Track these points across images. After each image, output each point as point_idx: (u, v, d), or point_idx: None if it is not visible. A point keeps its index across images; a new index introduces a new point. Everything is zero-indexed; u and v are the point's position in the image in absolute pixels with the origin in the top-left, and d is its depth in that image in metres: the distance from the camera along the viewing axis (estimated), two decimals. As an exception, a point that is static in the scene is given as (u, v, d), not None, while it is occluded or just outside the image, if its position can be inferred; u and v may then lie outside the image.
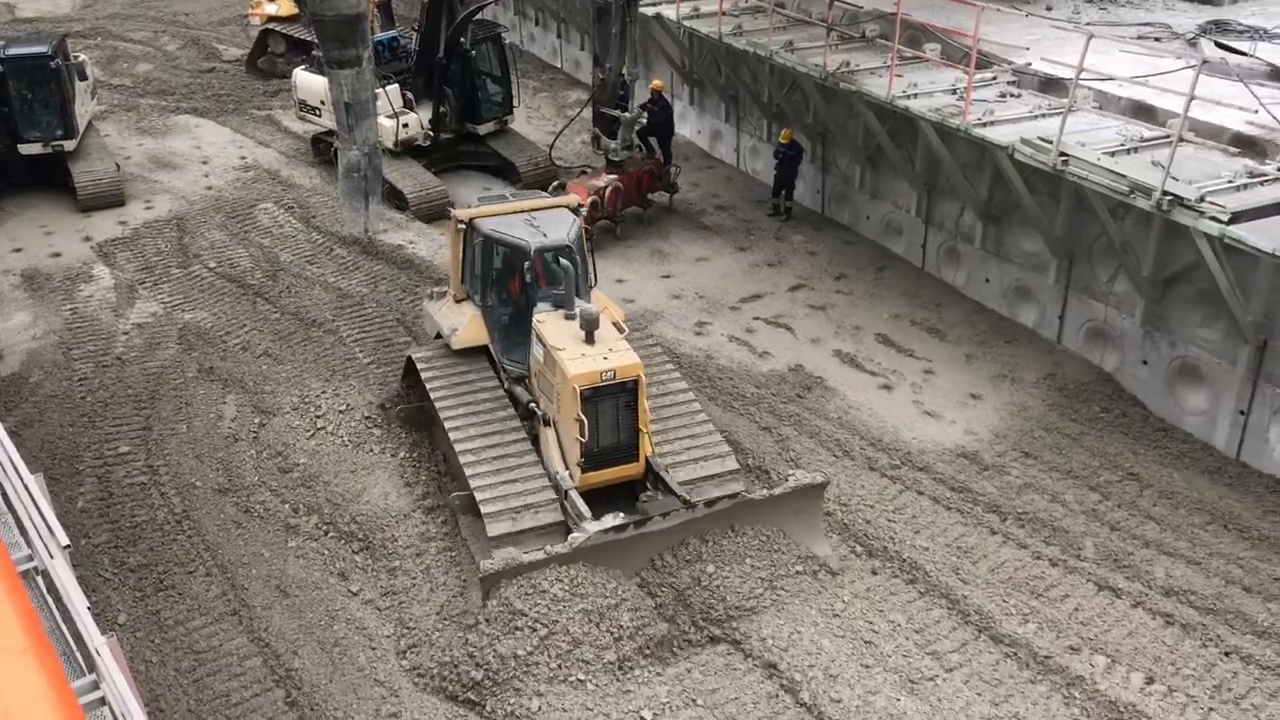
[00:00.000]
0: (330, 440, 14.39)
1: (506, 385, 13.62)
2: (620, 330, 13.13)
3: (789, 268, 20.16)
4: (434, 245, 20.37)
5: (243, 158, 24.98)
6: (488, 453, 12.70)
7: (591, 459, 12.30)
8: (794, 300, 18.99)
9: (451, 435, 12.87)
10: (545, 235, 13.33)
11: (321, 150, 24.14)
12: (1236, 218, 12.37)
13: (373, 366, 16.27)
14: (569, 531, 11.87)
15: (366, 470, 13.82)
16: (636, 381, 12.19)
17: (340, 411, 14.80)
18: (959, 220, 18.86)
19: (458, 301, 14.42)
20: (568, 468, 12.39)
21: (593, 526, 11.49)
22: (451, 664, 10.85)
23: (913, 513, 13.60)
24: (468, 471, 12.48)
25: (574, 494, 12.14)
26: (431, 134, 23.34)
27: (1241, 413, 14.33)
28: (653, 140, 22.37)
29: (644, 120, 21.72)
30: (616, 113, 21.44)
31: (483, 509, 12.12)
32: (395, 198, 21.91)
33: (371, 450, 14.20)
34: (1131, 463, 14.46)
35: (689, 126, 26.24)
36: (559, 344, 12.28)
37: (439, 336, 14.38)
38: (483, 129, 24.19)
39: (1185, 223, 12.84)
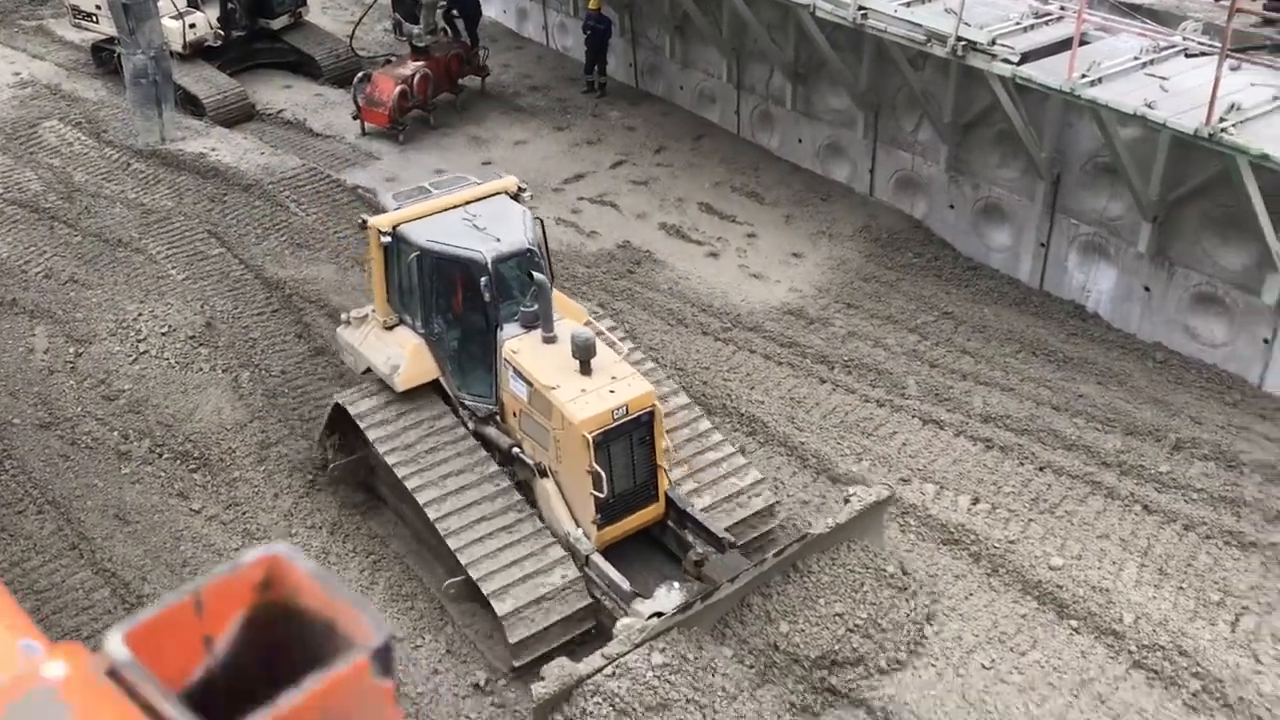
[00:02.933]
0: (155, 363, 13.88)
1: (472, 426, 11.10)
2: (612, 346, 10.93)
3: (608, 144, 20.13)
4: (238, 150, 19.49)
5: (17, 74, 23.14)
6: (480, 526, 10.23)
7: (609, 512, 10.15)
8: (616, 177, 19.04)
9: (428, 510, 10.35)
10: (498, 239, 10.60)
11: (104, 59, 22.57)
12: (1025, 58, 12.94)
13: (189, 283, 15.66)
14: (596, 605, 9.98)
15: (197, 389, 13.43)
16: (652, 413, 10.15)
17: (162, 334, 14.25)
18: (769, 83, 19.12)
19: (387, 329, 11.46)
20: (578, 525, 10.24)
21: (646, 608, 9.42)
22: None
23: (747, 370, 14.07)
24: (461, 557, 10.05)
25: (598, 559, 10.02)
26: (222, 33, 22.10)
27: (1042, 245, 15.23)
28: (459, 23, 21.77)
29: (444, 2, 21.07)
30: (417, -2, 20.69)
31: (496, 606, 9.73)
32: (190, 104, 20.78)
33: (201, 369, 13.78)
34: (945, 303, 15.25)
35: (494, 6, 25.57)
36: (550, 380, 10.07)
37: (368, 372, 11.70)
38: (276, 24, 23.03)
39: (979, 66, 13.35)
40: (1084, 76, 12.13)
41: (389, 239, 10.95)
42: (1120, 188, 13.86)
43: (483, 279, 10.41)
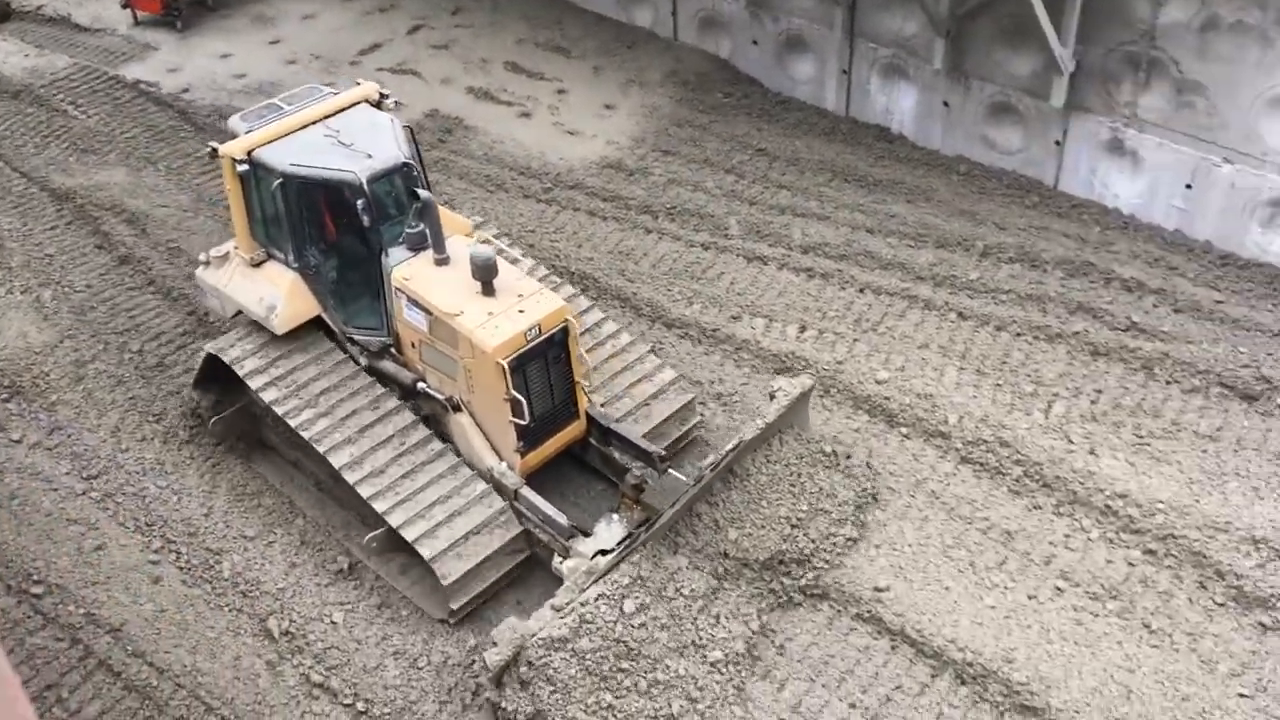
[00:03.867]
0: (-58, 292, 12.97)
1: (365, 362, 10.35)
2: (514, 262, 10.13)
3: (402, 9, 19.34)
4: (1, 55, 17.93)
5: None
6: (393, 470, 9.58)
7: (530, 437, 9.61)
8: (415, 43, 18.37)
9: (332, 459, 9.59)
10: (370, 156, 9.68)
11: None
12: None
13: (-32, 204, 14.56)
14: (529, 535, 9.54)
15: (-4, 314, 12.65)
16: (566, 329, 9.56)
17: (-57, 259, 13.29)
18: (561, -69, 18.59)
19: (255, 265, 10.46)
20: (501, 457, 9.71)
21: (588, 546, 9.09)
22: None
23: (573, 229, 14.04)
24: (377, 505, 9.38)
25: (528, 493, 9.50)
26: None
27: (844, 72, 15.48)
28: None
29: None
30: None
31: (423, 550, 9.16)
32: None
33: (-4, 294, 12.96)
34: (758, 139, 15.44)
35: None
36: (452, 307, 9.37)
37: (239, 315, 10.71)
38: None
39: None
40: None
41: (245, 167, 9.90)
42: (913, 6, 14.14)
43: (359, 201, 9.49)
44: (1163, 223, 13.09)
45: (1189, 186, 12.71)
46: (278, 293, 10.19)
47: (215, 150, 10.11)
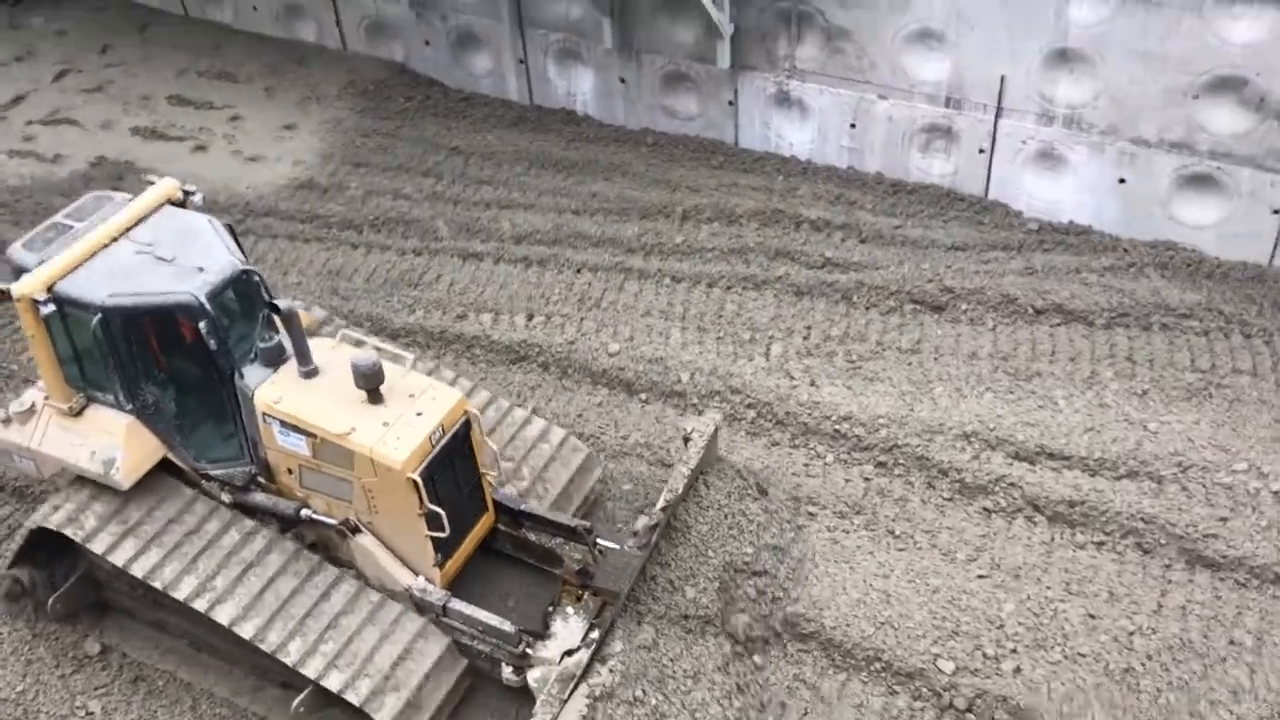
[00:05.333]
0: None
1: (229, 499, 9.02)
2: (400, 360, 8.75)
3: (43, 56, 17.96)
4: None
5: None
6: (293, 610, 8.42)
7: (446, 546, 8.56)
8: (65, 89, 17.12)
9: (220, 616, 8.33)
10: (201, 269, 8.34)
11: None
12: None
13: None
14: (471, 654, 8.62)
15: None
16: (468, 422, 8.55)
17: None
18: (202, -47, 17.78)
19: (74, 415, 8.87)
20: (416, 573, 8.66)
21: (551, 649, 8.34)
22: None
23: (274, 256, 13.59)
24: (288, 659, 8.20)
25: (458, 604, 8.48)
26: None
27: (520, 61, 15.69)
28: None
29: None
30: None
31: (351, 698, 8.07)
32: None
33: None
34: (449, 138, 15.44)
35: None
36: (339, 425, 8.17)
37: (63, 475, 9.10)
38: None
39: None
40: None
41: (51, 307, 8.25)
42: (575, -10, 14.52)
43: (201, 324, 8.21)
44: (836, 162, 14.13)
45: (853, 126, 13.76)
46: (114, 442, 8.70)
47: (6, 292, 8.42)
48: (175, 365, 8.85)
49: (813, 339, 11.87)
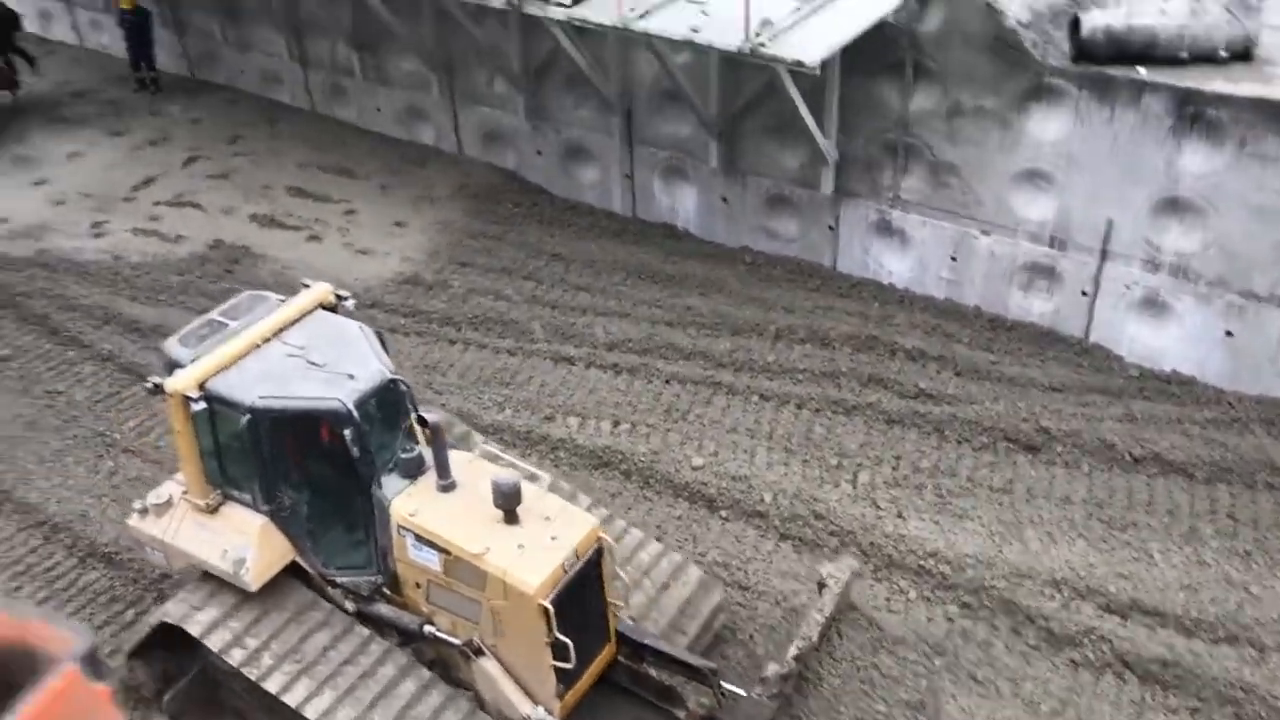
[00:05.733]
0: None
1: (353, 608, 8.87)
2: (536, 479, 8.63)
3: (176, 142, 18.93)
4: None
5: None
6: None
7: (570, 676, 8.28)
8: (193, 174, 17.97)
9: None
10: (351, 376, 8.27)
11: None
12: (578, 0, 13.44)
13: None
14: None
15: None
16: (600, 549, 8.36)
17: None
18: (334, 55, 18.66)
19: (209, 511, 8.83)
20: (536, 702, 8.31)
21: None
22: None
23: (375, 348, 13.90)
24: None
25: None
26: None
27: (627, 176, 16.07)
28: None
29: None
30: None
31: None
32: None
33: None
34: (552, 245, 15.79)
35: (9, 12, 23.05)
36: (475, 544, 8.06)
37: (191, 569, 9.09)
38: None
39: (535, 14, 13.74)
40: (632, 10, 12.82)
41: (202, 405, 8.21)
42: (685, 111, 14.88)
43: (346, 431, 8.06)
44: (935, 293, 14.08)
45: (954, 259, 13.74)
46: (245, 542, 8.58)
47: (158, 387, 8.47)
48: (315, 470, 8.75)
49: (902, 470, 11.68)
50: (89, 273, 15.37)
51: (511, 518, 8.13)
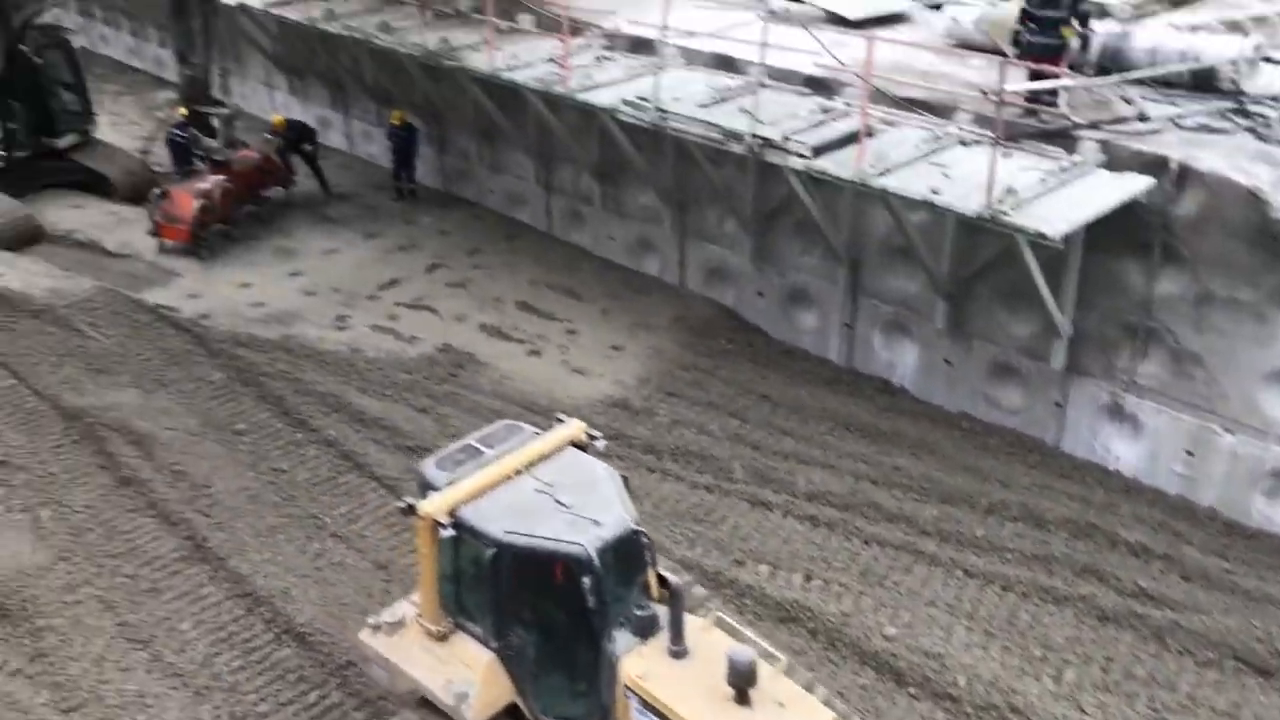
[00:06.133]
0: (-60, 507, 12.86)
1: None
2: (772, 659, 8.32)
3: (422, 249, 20.09)
4: (25, 275, 18.49)
5: None
6: None
7: None
8: (433, 280, 18.98)
9: None
10: (596, 522, 8.17)
11: None
12: (818, 152, 13.65)
13: (-24, 417, 14.65)
14: None
15: (-10, 532, 12.49)
16: None
17: (-55, 475, 13.24)
18: (577, 183, 19.52)
19: (439, 638, 8.87)
20: None
21: None
22: None
23: (577, 468, 14.08)
24: None
25: None
26: (3, 154, 21.07)
27: (847, 325, 15.94)
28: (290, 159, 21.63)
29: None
30: (213, 110, 20.34)
31: None
32: (-30, 229, 19.63)
33: (-6, 511, 12.84)
34: (762, 386, 15.73)
35: (293, 116, 25.28)
36: None
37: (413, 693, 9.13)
38: (62, 143, 22.14)
39: (775, 161, 14.00)
40: (872, 167, 12.88)
41: (451, 532, 8.31)
42: (915, 268, 14.71)
43: (585, 579, 7.94)
44: (1165, 487, 13.17)
45: (1190, 453, 12.86)
46: (471, 677, 8.55)
47: (412, 508, 8.57)
48: (547, 612, 8.55)
49: (1113, 674, 10.79)
50: (327, 361, 16.30)
51: (744, 698, 7.79)
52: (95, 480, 13.64)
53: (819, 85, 15.46)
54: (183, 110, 20.75)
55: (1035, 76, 13.55)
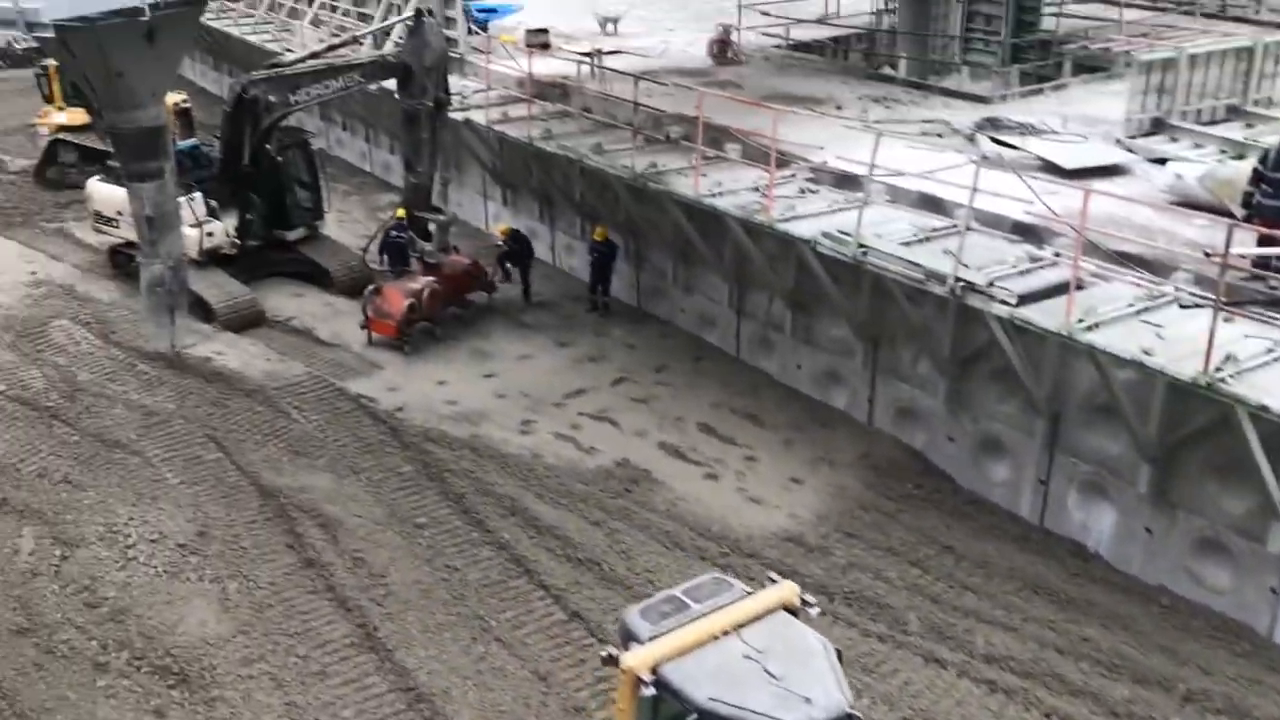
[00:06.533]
0: (142, 570, 13.62)
1: None
2: None
3: (610, 362, 20.44)
4: (244, 356, 19.75)
5: (33, 273, 23.67)
6: None
7: None
8: (617, 394, 19.22)
9: None
10: (807, 700, 7.68)
11: (121, 262, 23.13)
12: (1023, 300, 13.29)
13: (183, 487, 15.55)
14: None
15: (183, 599, 13.13)
16: None
17: (151, 540, 14.05)
18: (769, 310, 19.57)
19: None
20: None
21: None
22: None
23: (746, 600, 13.78)
24: None
25: None
26: (238, 242, 22.75)
27: (1041, 482, 15.22)
28: (509, 265, 22.67)
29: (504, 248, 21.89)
30: (431, 216, 21.47)
31: None
32: (200, 308, 21.15)
33: (188, 579, 13.51)
34: (946, 536, 15.12)
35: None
36: None
37: None
38: (292, 235, 23.75)
39: (978, 306, 13.70)
40: (1081, 321, 12.44)
41: (652, 691, 7.82)
42: (1119, 428, 13.98)
43: None
44: (1396, 697, 11.89)
45: None
46: None
47: (614, 658, 8.18)
48: None
49: None
50: (509, 464, 16.64)
51: None
52: (282, 559, 14.21)
53: (1028, 232, 15.17)
54: (401, 212, 21.99)
55: (1265, 241, 12.89)
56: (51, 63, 29.53)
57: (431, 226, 21.76)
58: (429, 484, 16.09)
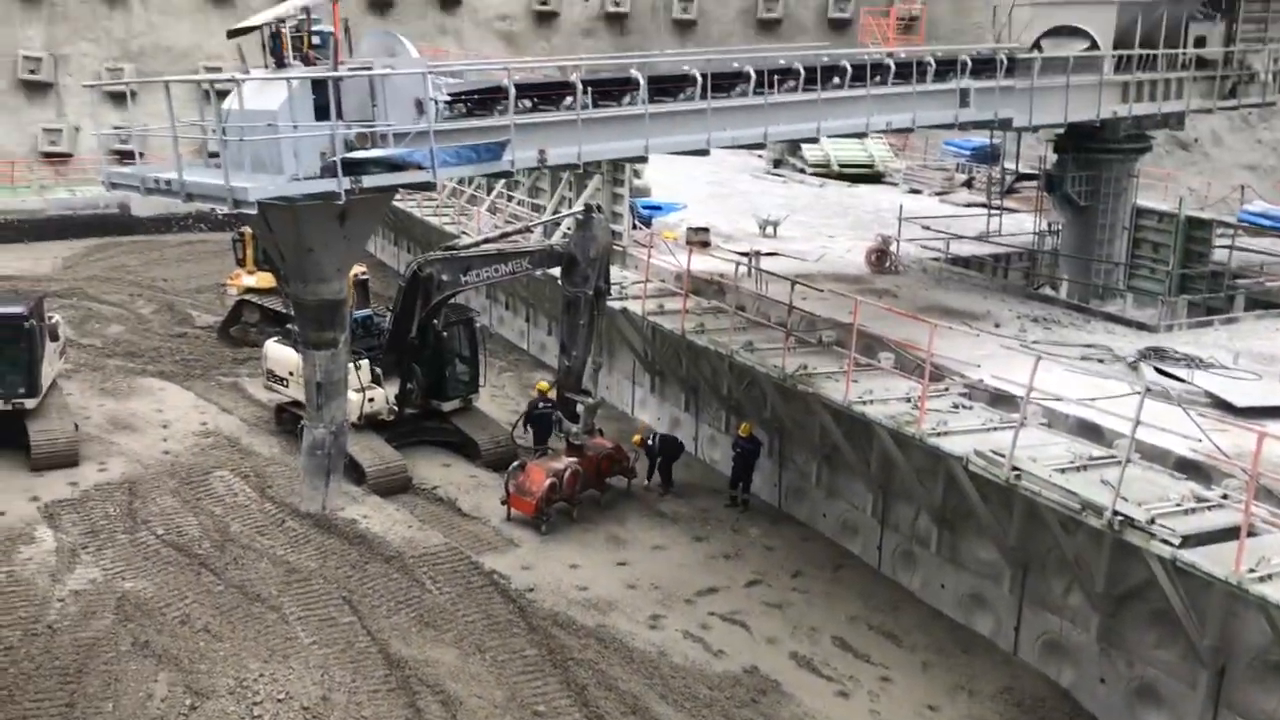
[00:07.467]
0: (264, 730, 13.70)
1: None
2: None
3: (746, 561, 20.07)
4: (388, 520, 20.18)
5: (204, 423, 25.02)
6: None
7: None
8: (750, 596, 18.79)
9: None
10: None
11: (285, 420, 24.26)
12: (1186, 541, 12.59)
13: (314, 648, 15.72)
14: None
15: (300, 765, 13.10)
16: None
17: (278, 699, 14.18)
18: (914, 523, 19.04)
19: None
20: None
21: None
22: None
23: (871, 835, 12.96)
24: None
25: None
26: (396, 409, 23.60)
27: (1202, 739, 14.08)
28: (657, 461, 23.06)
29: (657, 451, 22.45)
30: (580, 398, 21.91)
31: None
32: (353, 470, 21.84)
33: (308, 745, 13.52)
34: (1093, 787, 14.04)
35: (649, 412, 26.77)
36: None
37: None
38: (447, 406, 24.54)
39: (1136, 543, 13.03)
40: (1252, 571, 11.67)
41: None
42: (1293, 690, 12.91)
43: None
44: None
45: None
46: None
47: None
48: None
49: None
50: (634, 659, 16.32)
51: None
52: (400, 734, 14.11)
53: (1194, 470, 14.48)
54: (543, 385, 22.59)
55: None
56: (247, 230, 31.87)
57: (579, 408, 22.17)
58: (552, 671, 15.88)
